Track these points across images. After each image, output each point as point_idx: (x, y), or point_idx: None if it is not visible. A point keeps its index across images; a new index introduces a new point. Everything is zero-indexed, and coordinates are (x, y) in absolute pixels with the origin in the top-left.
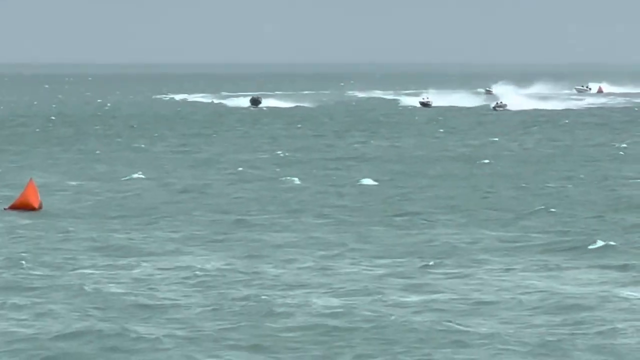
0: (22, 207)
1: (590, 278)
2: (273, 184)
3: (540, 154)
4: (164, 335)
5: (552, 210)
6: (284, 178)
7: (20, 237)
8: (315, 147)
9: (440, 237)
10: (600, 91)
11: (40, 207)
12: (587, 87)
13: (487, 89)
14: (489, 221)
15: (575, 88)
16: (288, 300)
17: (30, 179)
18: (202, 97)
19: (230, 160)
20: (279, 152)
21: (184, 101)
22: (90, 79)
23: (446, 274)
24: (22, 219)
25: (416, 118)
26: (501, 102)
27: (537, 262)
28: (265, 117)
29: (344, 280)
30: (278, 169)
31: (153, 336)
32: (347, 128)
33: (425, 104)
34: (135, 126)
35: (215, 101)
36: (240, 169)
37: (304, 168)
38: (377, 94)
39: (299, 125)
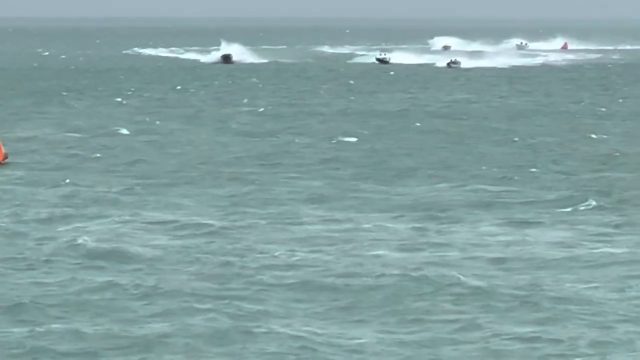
0: None
1: (572, 233)
2: (255, 139)
3: (520, 110)
4: (148, 287)
5: (535, 165)
6: (265, 133)
7: None
8: (292, 103)
9: (421, 192)
10: (565, 47)
11: (5, 158)
12: (525, 43)
13: (445, 45)
14: (471, 177)
15: (516, 44)
16: (267, 254)
17: None
18: (170, 52)
19: (210, 116)
20: (258, 107)
21: (153, 56)
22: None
23: (427, 228)
24: None
25: (391, 73)
26: (455, 59)
27: (519, 218)
28: (239, 73)
29: (326, 235)
30: (259, 124)
31: (136, 287)
32: (321, 83)
33: (382, 61)
34: (110, 81)
35: (185, 56)
36: (221, 124)
37: (284, 122)
38: (348, 49)
39: (274, 81)
